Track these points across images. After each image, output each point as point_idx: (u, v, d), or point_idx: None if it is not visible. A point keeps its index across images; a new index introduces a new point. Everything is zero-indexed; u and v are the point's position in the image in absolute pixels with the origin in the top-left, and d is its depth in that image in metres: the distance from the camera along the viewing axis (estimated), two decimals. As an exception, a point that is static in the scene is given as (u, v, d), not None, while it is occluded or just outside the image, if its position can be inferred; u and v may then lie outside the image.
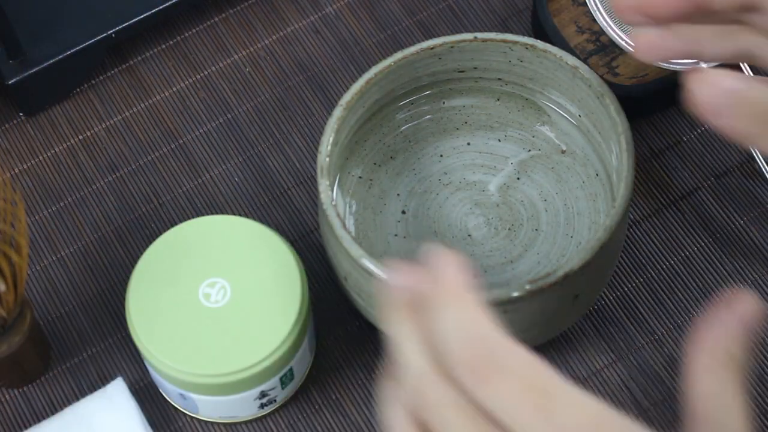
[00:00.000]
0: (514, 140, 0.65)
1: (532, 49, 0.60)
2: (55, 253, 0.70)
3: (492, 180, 0.64)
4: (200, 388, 0.60)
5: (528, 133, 0.65)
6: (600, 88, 0.58)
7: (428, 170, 0.65)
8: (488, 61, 0.62)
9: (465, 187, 0.65)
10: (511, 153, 0.65)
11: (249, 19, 0.78)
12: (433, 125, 0.66)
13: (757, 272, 0.68)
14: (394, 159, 0.65)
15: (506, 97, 0.64)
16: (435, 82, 0.64)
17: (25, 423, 0.66)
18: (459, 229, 0.64)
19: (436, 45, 0.61)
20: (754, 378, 0.66)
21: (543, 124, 0.64)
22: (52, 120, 0.75)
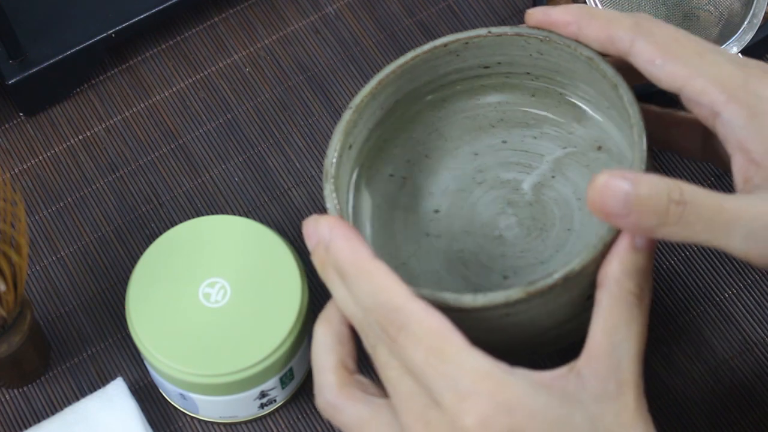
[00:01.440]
0: (550, 137, 0.63)
1: (547, 41, 0.58)
2: (55, 253, 0.70)
3: (526, 178, 0.63)
4: (200, 388, 0.60)
5: (564, 130, 0.63)
6: (614, 78, 0.56)
7: (463, 168, 0.64)
8: (510, 56, 0.61)
9: (499, 185, 0.63)
10: (547, 150, 0.63)
11: (249, 19, 0.78)
12: (468, 122, 0.64)
13: (757, 272, 0.68)
14: (428, 157, 0.64)
15: (541, 93, 0.63)
16: (462, 78, 0.63)
17: (25, 423, 0.66)
18: (491, 229, 0.62)
19: (450, 42, 0.60)
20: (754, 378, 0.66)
21: (579, 121, 0.63)
22: (52, 120, 0.75)
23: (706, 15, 0.69)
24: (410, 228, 0.63)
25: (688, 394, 0.65)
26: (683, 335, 0.67)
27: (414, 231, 0.63)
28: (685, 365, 0.66)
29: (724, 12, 0.69)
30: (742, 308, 0.67)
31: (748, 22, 0.68)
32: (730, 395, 0.65)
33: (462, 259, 0.61)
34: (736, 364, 0.66)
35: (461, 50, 0.60)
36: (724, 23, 0.69)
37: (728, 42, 0.67)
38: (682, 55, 0.52)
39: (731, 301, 0.68)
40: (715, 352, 0.66)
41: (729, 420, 0.64)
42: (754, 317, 0.67)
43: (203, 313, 0.61)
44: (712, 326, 0.67)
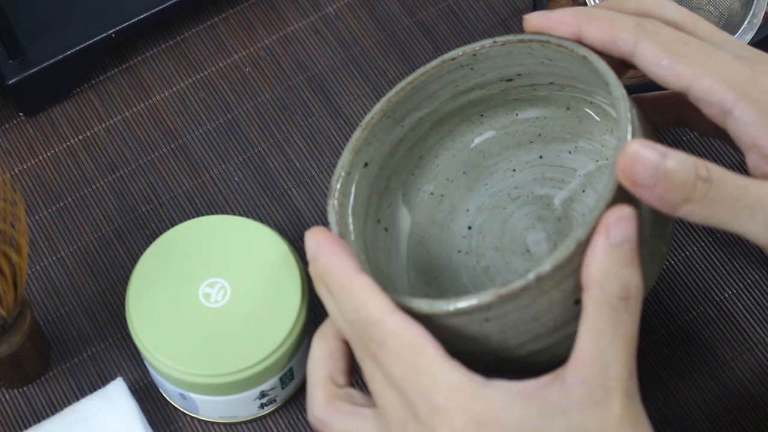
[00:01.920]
0: (585, 151, 0.62)
1: (547, 45, 0.56)
2: (55, 253, 0.70)
3: (558, 194, 0.62)
4: (200, 388, 0.60)
5: (597, 143, 0.62)
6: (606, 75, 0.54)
7: (500, 185, 0.63)
8: (525, 65, 0.59)
9: (532, 201, 0.63)
10: (580, 165, 0.62)
11: (249, 19, 0.78)
12: (508, 138, 0.63)
13: (757, 272, 0.68)
14: (467, 174, 0.63)
15: (574, 102, 0.61)
16: (490, 93, 0.61)
17: (25, 423, 0.66)
18: (518, 244, 0.62)
19: (458, 55, 0.58)
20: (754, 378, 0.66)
21: (611, 131, 0.61)
22: (52, 120, 0.75)
23: (706, 15, 0.69)
24: (444, 245, 0.63)
25: (688, 394, 0.65)
26: (683, 335, 0.67)
27: (447, 248, 0.63)
28: (685, 365, 0.66)
29: (724, 12, 0.69)
30: (742, 308, 0.67)
31: (748, 22, 0.68)
32: (730, 396, 0.65)
33: (489, 274, 0.61)
34: (736, 365, 0.66)
35: (472, 63, 0.59)
36: (724, 23, 0.69)
37: (728, 42, 0.67)
38: (688, 54, 0.51)
39: (731, 301, 0.67)
40: (715, 353, 0.66)
41: (729, 420, 0.64)
42: (754, 317, 0.67)
43: (203, 313, 0.61)
44: (712, 326, 0.67)
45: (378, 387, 0.50)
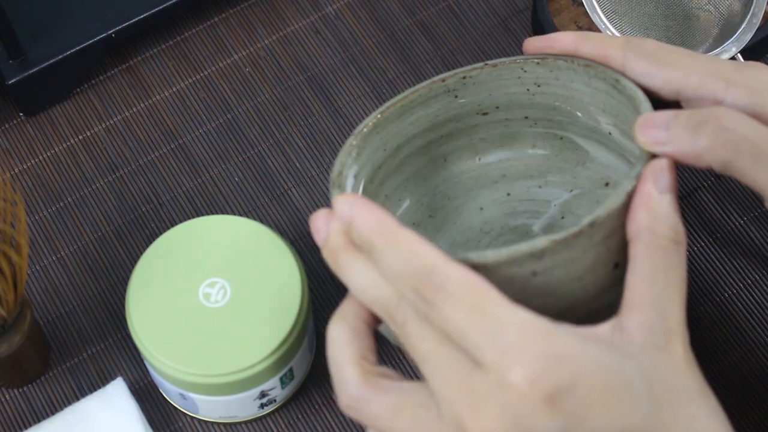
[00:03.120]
0: (556, 184, 0.62)
1: (543, 62, 0.57)
2: (55, 253, 0.70)
3: (536, 222, 0.62)
4: (200, 388, 0.60)
5: (569, 176, 0.62)
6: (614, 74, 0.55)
7: (469, 222, 0.63)
8: (507, 95, 0.60)
9: (508, 231, 0.62)
10: (554, 196, 0.62)
11: (249, 19, 0.78)
12: (471, 182, 0.63)
13: (757, 272, 0.68)
14: (433, 217, 0.63)
15: (540, 140, 0.62)
16: (462, 129, 0.61)
17: (25, 423, 0.66)
18: None
19: (447, 77, 0.58)
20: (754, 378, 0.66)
21: (582, 164, 0.61)
22: (52, 120, 0.75)
23: (706, 15, 0.69)
24: None
25: (688, 394, 0.65)
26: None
27: None
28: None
29: (724, 12, 0.69)
30: (742, 308, 0.67)
31: (748, 22, 0.68)
32: (730, 396, 0.65)
33: None
34: (736, 365, 0.66)
35: (459, 88, 0.59)
36: (724, 23, 0.69)
37: (728, 42, 0.68)
38: (675, 60, 0.53)
39: (731, 301, 0.68)
40: (715, 353, 0.66)
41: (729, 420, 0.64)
42: (754, 317, 0.67)
43: (203, 313, 0.61)
44: (712, 326, 0.67)
45: (429, 346, 0.46)
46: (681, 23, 0.69)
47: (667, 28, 0.69)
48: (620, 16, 0.69)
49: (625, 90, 0.55)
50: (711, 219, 0.70)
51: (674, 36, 0.69)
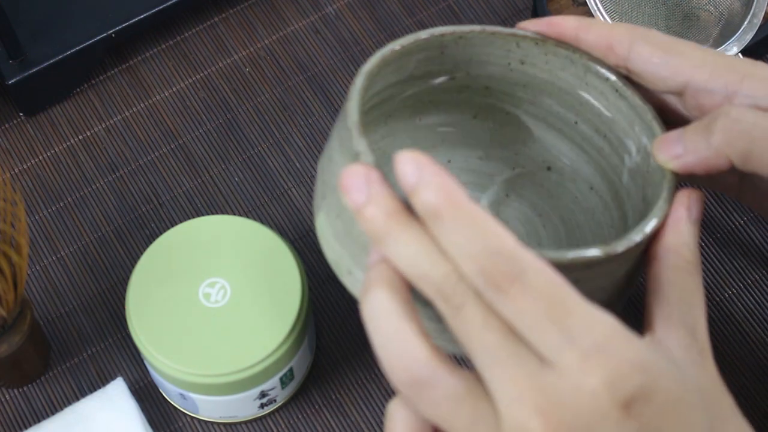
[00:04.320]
0: (496, 158, 0.62)
1: (542, 44, 0.56)
2: (55, 253, 0.70)
3: (482, 196, 0.61)
4: (200, 388, 0.60)
5: (509, 151, 0.61)
6: (619, 80, 0.55)
7: None
8: (484, 64, 0.58)
9: None
10: (495, 171, 0.62)
11: (249, 19, 0.78)
12: (409, 142, 0.61)
13: (757, 272, 0.68)
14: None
15: (484, 111, 0.60)
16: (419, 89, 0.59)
17: (25, 423, 0.66)
18: None
19: (446, 33, 0.56)
20: (754, 378, 0.66)
21: (524, 143, 0.61)
22: (52, 120, 0.75)
23: (706, 15, 0.69)
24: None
25: (688, 394, 0.65)
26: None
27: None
28: (685, 365, 0.66)
29: (724, 12, 0.69)
30: (742, 308, 0.67)
31: (748, 22, 0.68)
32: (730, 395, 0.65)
33: None
34: (736, 365, 0.66)
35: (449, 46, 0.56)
36: (724, 23, 0.69)
37: (728, 42, 0.68)
38: (685, 50, 0.52)
39: (731, 301, 0.68)
40: (715, 352, 0.66)
41: None
42: (754, 317, 0.67)
43: (203, 313, 0.61)
44: (712, 326, 0.67)
45: (492, 338, 0.42)
46: (681, 23, 0.69)
47: (667, 28, 0.69)
48: (621, 15, 0.69)
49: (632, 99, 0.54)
50: (711, 219, 0.70)
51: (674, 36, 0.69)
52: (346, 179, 0.45)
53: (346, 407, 0.66)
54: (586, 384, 0.41)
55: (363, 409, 0.66)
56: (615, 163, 0.58)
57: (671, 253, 0.49)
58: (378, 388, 0.66)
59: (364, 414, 0.66)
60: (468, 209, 0.42)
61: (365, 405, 0.66)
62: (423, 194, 0.43)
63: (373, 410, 0.66)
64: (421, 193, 0.43)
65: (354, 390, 0.66)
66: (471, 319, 0.42)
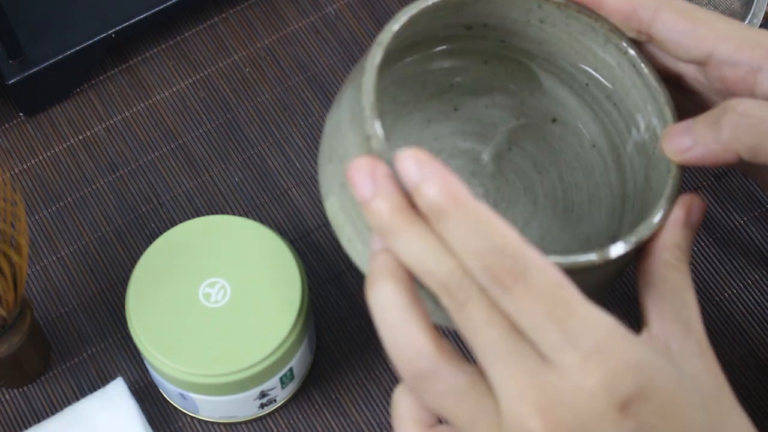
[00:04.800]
0: (502, 107, 0.61)
1: (564, 8, 0.55)
2: (55, 253, 0.70)
3: (484, 149, 0.61)
4: (200, 388, 0.60)
5: (516, 100, 0.60)
6: (638, 56, 0.54)
7: (417, 136, 0.60)
8: (504, 19, 0.57)
9: (458, 155, 0.60)
10: (500, 120, 0.61)
11: (249, 19, 0.78)
12: (418, 87, 0.60)
13: (757, 272, 0.68)
14: (382, 121, 0.58)
15: (496, 59, 0.59)
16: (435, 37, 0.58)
17: (25, 423, 0.66)
18: None
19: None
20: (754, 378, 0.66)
21: (531, 93, 0.60)
22: (52, 120, 0.75)
23: (706, 15, 0.69)
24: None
25: (688, 394, 0.65)
26: (683, 335, 0.67)
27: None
28: (685, 365, 0.66)
29: (724, 12, 0.69)
30: (742, 308, 0.67)
31: (748, 22, 0.68)
32: (730, 395, 0.65)
33: None
34: (736, 365, 0.66)
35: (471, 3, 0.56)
36: (724, 23, 0.69)
37: (728, 42, 0.67)
38: (709, 20, 0.51)
39: (731, 301, 0.68)
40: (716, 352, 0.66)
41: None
42: (754, 317, 0.67)
43: (203, 313, 0.61)
44: (712, 326, 0.67)
45: (495, 334, 0.42)
46: (681, 23, 0.69)
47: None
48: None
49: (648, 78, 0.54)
50: (711, 219, 0.70)
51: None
52: (352, 172, 0.45)
53: (346, 407, 0.66)
54: (584, 384, 0.42)
55: (363, 409, 0.66)
56: (621, 129, 0.58)
57: (665, 251, 0.49)
58: (378, 388, 0.66)
59: (364, 414, 0.66)
60: (472, 207, 0.43)
61: (365, 405, 0.66)
62: (426, 192, 0.43)
63: (373, 410, 0.66)
64: (424, 191, 0.43)
65: (354, 390, 0.66)
66: (475, 315, 0.43)
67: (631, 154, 0.57)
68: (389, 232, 0.44)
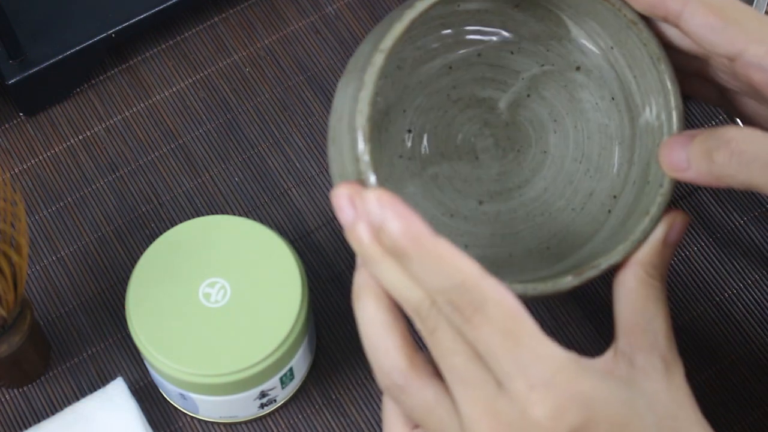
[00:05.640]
0: (527, 53, 0.59)
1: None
2: (55, 253, 0.70)
3: (502, 97, 0.60)
4: (200, 388, 0.60)
5: (543, 46, 0.59)
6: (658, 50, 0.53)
7: (436, 84, 0.60)
8: None
9: (475, 104, 0.60)
10: (523, 67, 0.60)
11: (249, 19, 0.78)
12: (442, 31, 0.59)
13: (757, 272, 0.68)
14: (401, 69, 0.59)
15: (526, 3, 0.58)
16: None
17: (25, 423, 0.66)
18: (466, 151, 0.59)
19: None
20: (754, 378, 0.66)
21: (559, 40, 0.59)
22: (52, 120, 0.75)
23: (706, 15, 0.69)
24: (384, 148, 0.59)
25: (688, 394, 0.65)
26: (683, 335, 0.67)
27: (387, 152, 0.59)
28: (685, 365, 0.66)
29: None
30: (742, 308, 0.67)
31: (748, 22, 0.68)
32: (730, 395, 0.65)
33: (436, 183, 0.59)
34: (736, 365, 0.66)
35: None
36: (724, 23, 0.69)
37: (728, 42, 0.67)
38: (741, 19, 0.50)
39: (731, 301, 0.68)
40: (715, 353, 0.66)
41: (729, 420, 0.64)
42: (754, 317, 0.67)
43: (203, 313, 0.61)
44: (712, 326, 0.67)
45: (459, 360, 0.46)
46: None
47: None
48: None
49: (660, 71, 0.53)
50: (711, 219, 0.70)
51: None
52: (335, 198, 0.48)
53: (346, 407, 0.66)
54: (532, 414, 0.44)
55: (363, 409, 0.66)
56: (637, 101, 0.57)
57: (638, 267, 0.50)
58: (378, 388, 0.66)
59: (364, 414, 0.66)
60: (431, 246, 0.45)
61: (365, 405, 0.66)
62: (388, 234, 0.46)
63: (373, 410, 0.66)
64: (386, 232, 0.46)
65: (354, 390, 0.66)
66: (442, 341, 0.46)
67: (642, 130, 0.56)
68: (368, 259, 0.47)
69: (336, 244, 0.70)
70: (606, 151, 0.59)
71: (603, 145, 0.59)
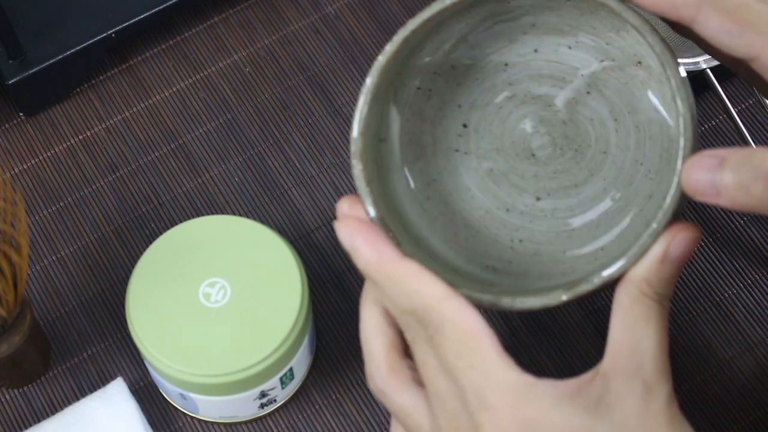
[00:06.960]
0: (586, 48, 0.58)
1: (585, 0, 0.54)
2: (55, 253, 0.70)
3: (559, 93, 0.58)
4: (200, 388, 0.60)
5: (602, 40, 0.57)
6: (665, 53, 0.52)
7: (492, 80, 0.59)
8: None
9: (530, 101, 0.59)
10: (582, 63, 0.58)
11: (249, 19, 0.78)
12: (498, 27, 0.58)
13: (757, 272, 0.68)
14: (455, 68, 0.58)
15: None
16: None
17: (25, 423, 0.66)
18: (522, 148, 0.59)
19: None
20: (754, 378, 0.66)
21: (617, 31, 0.57)
22: (52, 120, 0.75)
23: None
24: (439, 143, 0.59)
25: (688, 394, 0.65)
26: (683, 335, 0.67)
27: (443, 146, 0.59)
28: (685, 365, 0.66)
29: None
30: (742, 308, 0.67)
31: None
32: (730, 395, 0.65)
33: (492, 177, 0.59)
34: (736, 365, 0.66)
35: None
36: (724, 23, 0.68)
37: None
38: (757, 23, 0.49)
39: (731, 301, 0.68)
40: (715, 352, 0.66)
41: (729, 420, 0.64)
42: (754, 317, 0.67)
43: (203, 313, 0.61)
44: (712, 326, 0.67)
45: (431, 373, 0.48)
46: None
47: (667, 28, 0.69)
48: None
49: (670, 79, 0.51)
50: (711, 219, 0.70)
51: (675, 37, 0.69)
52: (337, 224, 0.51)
53: (346, 407, 0.66)
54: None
55: (363, 409, 0.66)
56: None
57: (631, 284, 0.49)
58: (378, 388, 0.66)
59: (364, 414, 0.66)
60: (395, 272, 0.49)
61: (365, 405, 0.66)
62: (356, 261, 0.50)
63: (373, 410, 0.66)
64: (355, 259, 0.50)
65: (354, 390, 0.66)
66: (417, 353, 0.49)
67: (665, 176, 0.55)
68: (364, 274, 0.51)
69: (336, 244, 0.70)
70: (667, 154, 0.56)
71: (665, 147, 0.57)
